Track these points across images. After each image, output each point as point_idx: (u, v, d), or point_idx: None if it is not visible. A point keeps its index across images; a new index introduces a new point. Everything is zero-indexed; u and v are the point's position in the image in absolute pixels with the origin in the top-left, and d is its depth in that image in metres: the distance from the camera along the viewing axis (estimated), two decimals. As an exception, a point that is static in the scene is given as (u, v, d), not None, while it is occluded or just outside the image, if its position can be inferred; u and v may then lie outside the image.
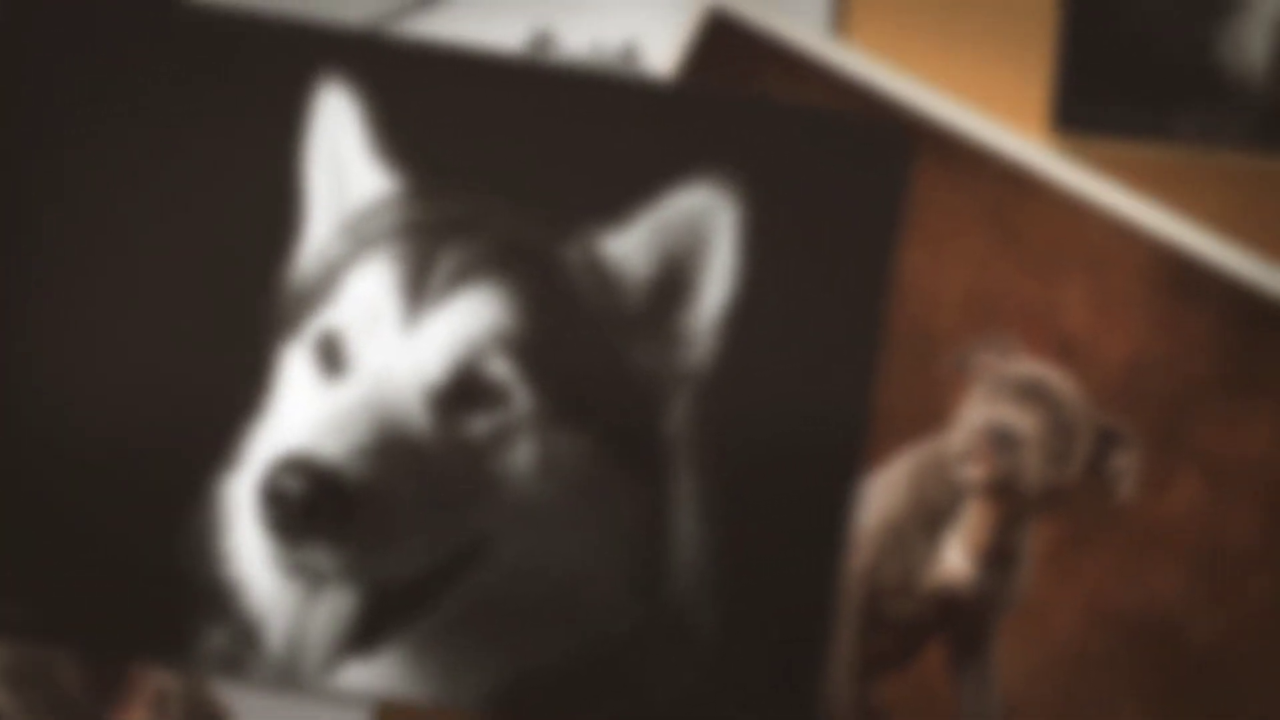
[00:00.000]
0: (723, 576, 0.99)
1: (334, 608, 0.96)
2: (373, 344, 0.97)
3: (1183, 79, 1.01)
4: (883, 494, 1.00)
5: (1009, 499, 1.00)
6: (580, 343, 0.98)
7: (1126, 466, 1.00)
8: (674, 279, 0.99)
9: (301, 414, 0.98)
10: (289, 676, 0.98)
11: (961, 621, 1.01)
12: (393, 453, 0.95)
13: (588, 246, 0.99)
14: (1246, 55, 1.00)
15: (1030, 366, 1.00)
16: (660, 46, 1.02)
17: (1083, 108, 1.01)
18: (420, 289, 0.98)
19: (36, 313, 1.00)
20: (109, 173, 1.01)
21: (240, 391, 0.99)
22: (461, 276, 0.98)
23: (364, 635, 0.96)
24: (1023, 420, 1.00)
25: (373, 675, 0.98)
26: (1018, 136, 1.01)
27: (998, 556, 1.00)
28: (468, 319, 0.97)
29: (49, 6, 1.02)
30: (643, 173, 0.99)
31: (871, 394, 1.00)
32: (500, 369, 0.97)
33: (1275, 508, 1.00)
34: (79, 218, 1.01)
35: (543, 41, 1.03)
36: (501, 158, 1.00)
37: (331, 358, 0.98)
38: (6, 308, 1.00)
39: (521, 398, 0.97)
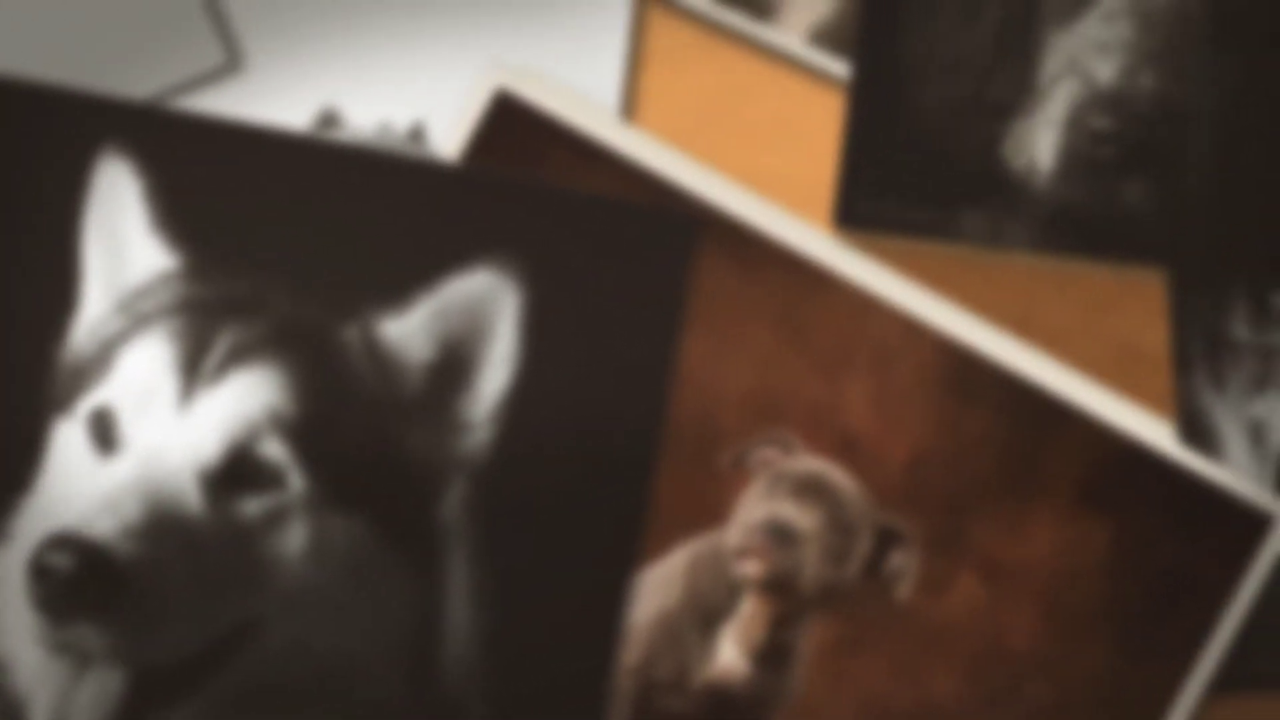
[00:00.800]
0: (495, 666, 0.98)
1: (100, 688, 0.95)
2: (146, 422, 0.96)
3: (968, 179, 1.00)
4: (659, 588, 0.99)
5: (786, 596, 0.99)
6: (356, 426, 0.97)
7: (905, 566, 0.99)
8: (453, 364, 0.98)
9: (73, 491, 0.97)
10: (52, 757, 0.97)
11: (734, 718, 1.00)
12: (164, 533, 0.94)
13: (366, 329, 0.98)
14: (1031, 156, 1.00)
15: (811, 463, 0.99)
16: (448, 127, 1.01)
17: (866, 205, 1.00)
18: (196, 368, 0.96)
19: None
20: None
21: (11, 467, 0.98)
22: (238, 356, 0.97)
23: (130, 717, 0.95)
24: (802, 517, 0.99)
25: (136, 758, 0.97)
26: (806, 229, 1.00)
27: (772, 654, 0.99)
28: (243, 399, 0.96)
29: None
30: (425, 255, 0.98)
31: (650, 485, 0.99)
32: (274, 450, 0.96)
33: (1053, 611, 0.99)
34: None
35: (329, 119, 1.01)
36: (283, 237, 0.99)
37: (104, 435, 0.96)
38: None
39: (295, 480, 0.96)
